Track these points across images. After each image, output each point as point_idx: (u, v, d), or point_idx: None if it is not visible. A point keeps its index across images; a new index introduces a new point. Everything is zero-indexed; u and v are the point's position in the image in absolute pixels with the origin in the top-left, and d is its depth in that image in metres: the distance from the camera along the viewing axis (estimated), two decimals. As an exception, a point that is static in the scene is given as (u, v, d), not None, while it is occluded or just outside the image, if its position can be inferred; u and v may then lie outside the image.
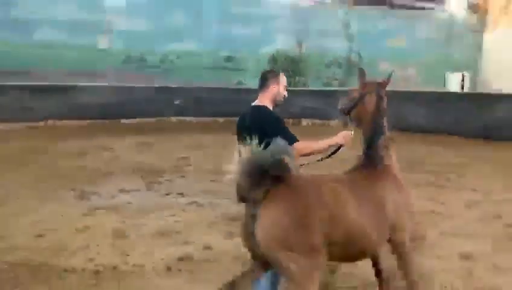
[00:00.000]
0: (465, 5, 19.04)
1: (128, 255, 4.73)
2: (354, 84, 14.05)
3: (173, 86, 14.77)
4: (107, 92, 13.99)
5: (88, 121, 13.32)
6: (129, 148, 10.61)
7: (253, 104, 3.73)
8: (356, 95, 3.45)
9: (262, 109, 3.64)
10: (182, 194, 7.08)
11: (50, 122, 13.12)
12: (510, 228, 5.97)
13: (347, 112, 3.46)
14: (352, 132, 3.53)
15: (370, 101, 3.36)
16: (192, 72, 15.89)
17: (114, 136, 12.03)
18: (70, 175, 8.05)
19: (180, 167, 8.98)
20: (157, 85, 14.69)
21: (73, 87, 13.71)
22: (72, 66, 14.67)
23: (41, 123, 12.98)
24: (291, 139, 3.34)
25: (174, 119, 14.35)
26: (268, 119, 3.54)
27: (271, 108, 3.69)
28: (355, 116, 3.44)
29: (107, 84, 14.77)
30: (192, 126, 13.93)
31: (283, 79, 3.74)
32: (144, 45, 15.50)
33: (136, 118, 13.92)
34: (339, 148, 3.59)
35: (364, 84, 3.46)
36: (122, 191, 7.21)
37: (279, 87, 3.70)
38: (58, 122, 13.17)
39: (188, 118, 14.41)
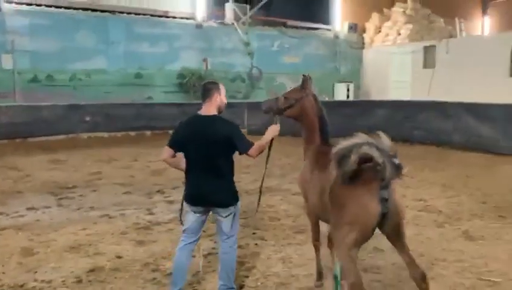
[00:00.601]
0: (346, 25, 20.36)
1: (36, 272, 4.41)
2: (256, 96, 14.40)
3: (83, 104, 14.00)
4: (14, 112, 12.93)
5: (-5, 141, 12.17)
6: (39, 167, 9.88)
7: (202, 114, 3.71)
8: (295, 97, 4.00)
9: (220, 118, 3.72)
10: (93, 208, 6.75)
11: (-48, 144, 11.79)
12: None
13: (281, 111, 4.01)
14: (279, 126, 3.91)
15: (309, 102, 3.97)
16: (102, 89, 15.24)
17: (23, 155, 11.13)
18: (-25, 197, 7.32)
19: (92, 182, 8.55)
20: (66, 103, 13.83)
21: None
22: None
23: None
24: (250, 143, 3.64)
25: (85, 135, 13.62)
26: (233, 127, 3.68)
27: None
28: (291, 114, 4.01)
29: (14, 103, 13.66)
30: (103, 141, 13.32)
31: (223, 88, 3.83)
32: (51, 64, 14.56)
33: (46, 136, 12.98)
34: (271, 142, 3.90)
35: (301, 89, 4.03)
36: (31, 209, 6.70)
37: (221, 96, 3.76)
38: (-38, 144, 11.87)
39: (99, 134, 13.74)
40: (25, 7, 14.28)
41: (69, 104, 13.74)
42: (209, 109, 3.71)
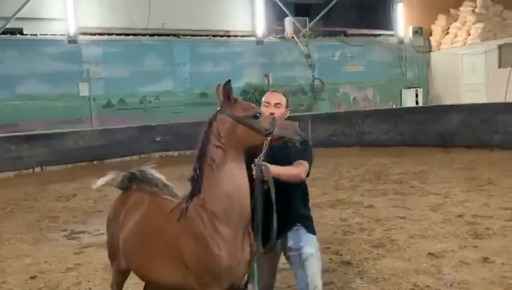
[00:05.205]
0: (411, 29, 19.66)
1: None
2: (319, 107, 14.01)
3: (154, 124, 14.65)
4: (91, 136, 13.77)
5: (74, 164, 13.02)
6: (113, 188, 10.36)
7: None
8: None
9: None
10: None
11: (38, 169, 12.75)
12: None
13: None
14: None
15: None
16: (171, 110, 15.86)
17: (101, 176, 11.73)
18: (60, 217, 7.85)
19: (165, 199, 8.83)
20: (139, 125, 14.53)
21: (59, 134, 13.37)
22: (57, 115, 14.42)
23: (30, 171, 12.59)
24: None
25: (157, 155, 14.19)
26: None
27: None
28: None
29: (91, 128, 14.56)
30: (174, 160, 13.77)
31: None
32: (122, 90, 15.42)
33: (120, 157, 13.67)
34: None
35: None
36: (110, 227, 7.03)
37: None
38: (46, 169, 12.80)
39: (170, 153, 14.29)
40: (97, 37, 15.29)
41: (140, 126, 14.43)
42: None
